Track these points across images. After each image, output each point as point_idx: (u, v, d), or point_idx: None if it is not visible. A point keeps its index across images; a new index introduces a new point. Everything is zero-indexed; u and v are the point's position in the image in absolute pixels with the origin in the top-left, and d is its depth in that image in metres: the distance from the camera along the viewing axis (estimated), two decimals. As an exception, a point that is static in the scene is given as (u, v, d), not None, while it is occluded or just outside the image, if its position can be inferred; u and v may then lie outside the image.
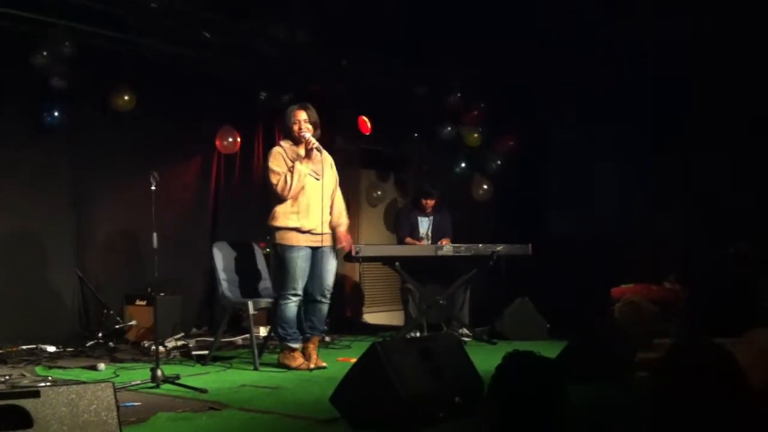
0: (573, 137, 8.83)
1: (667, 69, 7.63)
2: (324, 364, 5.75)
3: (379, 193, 9.20)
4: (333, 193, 5.91)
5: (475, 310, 7.87)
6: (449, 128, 8.69)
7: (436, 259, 7.14)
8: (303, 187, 5.66)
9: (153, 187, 5.10)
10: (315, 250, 5.76)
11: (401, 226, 8.00)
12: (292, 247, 5.67)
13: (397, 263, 7.05)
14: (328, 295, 5.87)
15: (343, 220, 5.93)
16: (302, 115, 5.72)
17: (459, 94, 8.65)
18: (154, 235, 5.10)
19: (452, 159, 8.94)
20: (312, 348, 5.82)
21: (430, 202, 7.89)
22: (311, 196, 5.69)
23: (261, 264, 6.50)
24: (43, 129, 6.70)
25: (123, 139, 7.23)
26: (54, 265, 6.87)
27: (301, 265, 5.68)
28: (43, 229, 6.82)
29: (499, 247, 7.13)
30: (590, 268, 7.91)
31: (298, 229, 5.66)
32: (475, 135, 8.75)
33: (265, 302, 6.11)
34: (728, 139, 7.44)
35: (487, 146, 8.91)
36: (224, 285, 6.07)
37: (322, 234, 5.75)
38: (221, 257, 6.18)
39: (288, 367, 5.70)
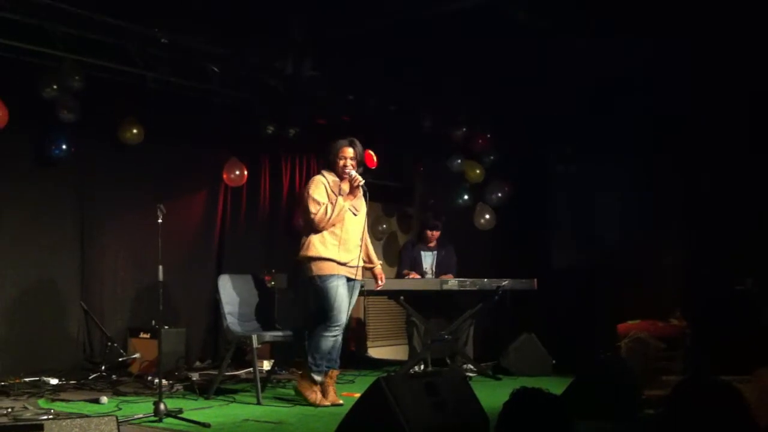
0: (574, 168, 8.84)
1: (666, 97, 7.66)
2: (341, 402, 5.61)
3: (384, 226, 9.21)
4: (364, 229, 5.88)
5: (479, 344, 7.83)
6: (458, 161, 8.70)
7: (440, 294, 7.12)
8: (342, 221, 5.62)
9: (159, 220, 5.11)
10: (348, 281, 5.67)
11: (402, 261, 8.00)
12: (332, 276, 5.55)
13: (401, 297, 7.03)
14: (343, 328, 5.78)
15: (376, 259, 5.99)
16: (349, 153, 5.68)
17: (464, 129, 8.68)
18: (160, 267, 5.09)
19: (456, 190, 8.94)
20: (330, 382, 5.71)
21: (435, 234, 7.88)
22: (349, 230, 5.65)
23: (266, 298, 6.48)
24: (49, 160, 6.74)
25: (129, 171, 7.27)
26: (58, 296, 6.87)
27: (343, 293, 5.56)
28: (48, 261, 6.83)
29: (505, 282, 7.12)
30: (595, 300, 7.88)
31: (335, 260, 5.57)
32: (477, 171, 8.77)
33: (269, 336, 6.09)
34: (730, 168, 7.43)
35: (489, 179, 8.91)
36: (229, 318, 6.05)
37: (356, 267, 5.71)
38: (226, 290, 6.17)
39: (302, 397, 5.61)
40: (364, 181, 5.68)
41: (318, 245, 5.57)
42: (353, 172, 5.66)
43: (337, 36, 6.99)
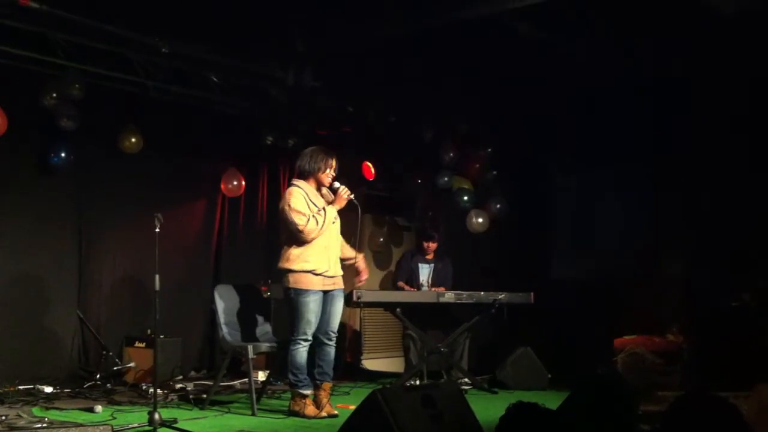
0: (574, 180, 8.86)
1: (666, 108, 7.69)
2: (336, 412, 5.61)
3: (381, 238, 9.20)
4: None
5: (476, 357, 7.82)
6: (446, 178, 8.74)
7: (437, 306, 7.11)
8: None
9: (157, 229, 5.10)
10: (326, 294, 5.68)
11: (400, 271, 8.02)
12: (306, 291, 5.56)
13: (398, 309, 7.02)
14: (333, 338, 5.77)
15: (350, 252, 5.95)
16: (334, 163, 5.71)
17: (457, 148, 8.71)
18: (157, 277, 5.08)
19: (455, 200, 8.95)
20: (324, 395, 5.68)
21: (432, 245, 7.91)
22: (330, 238, 5.67)
23: (262, 308, 6.47)
24: (48, 169, 6.74)
25: (128, 180, 7.27)
26: (55, 304, 6.85)
27: (313, 309, 5.58)
28: (45, 269, 6.81)
29: (501, 295, 7.11)
30: (592, 314, 7.87)
31: (312, 272, 5.57)
32: (465, 186, 8.80)
33: (265, 347, 6.07)
34: (730, 179, 7.45)
35: (490, 187, 8.93)
36: (224, 328, 6.03)
37: (334, 276, 5.72)
38: (222, 300, 6.15)
39: (298, 415, 5.57)
40: (353, 195, 5.73)
41: (296, 257, 5.57)
42: (338, 184, 5.70)
43: (337, 46, 7.01)
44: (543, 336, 7.90)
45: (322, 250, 5.60)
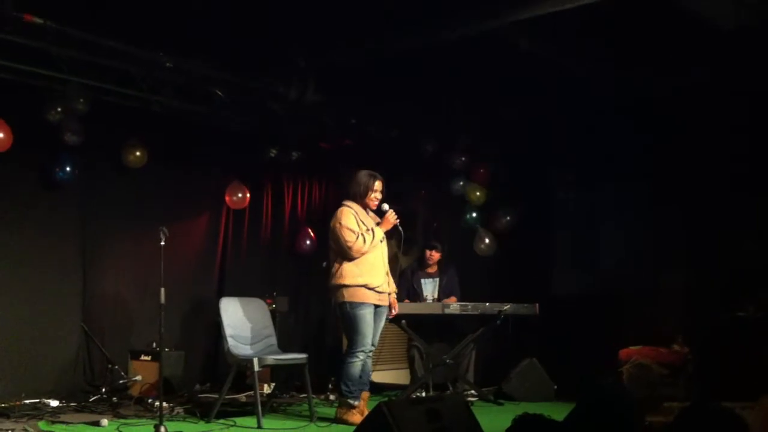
0: (575, 195, 8.87)
1: (665, 122, 7.70)
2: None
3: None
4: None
5: (481, 369, 7.80)
6: (461, 183, 8.74)
7: (442, 318, 7.11)
8: (374, 247, 5.92)
9: (162, 243, 5.11)
10: (376, 308, 5.93)
11: (400, 290, 7.98)
12: (362, 304, 5.83)
13: (403, 321, 7.02)
14: (372, 351, 6.04)
15: (393, 286, 6.22)
16: (380, 186, 6.05)
17: (463, 157, 8.71)
18: (162, 290, 5.10)
19: (460, 214, 8.95)
20: (364, 403, 5.94)
21: (435, 255, 7.82)
22: (376, 257, 5.95)
23: (267, 320, 6.48)
24: (53, 183, 6.76)
25: (132, 194, 7.28)
26: (60, 318, 6.85)
27: (369, 321, 5.86)
28: (49, 283, 6.81)
29: (506, 307, 7.10)
30: (597, 326, 7.85)
31: (366, 286, 5.84)
32: (478, 193, 8.79)
33: (270, 359, 6.08)
34: (729, 191, 7.44)
35: (494, 203, 8.92)
36: (230, 341, 6.05)
37: (383, 293, 5.99)
38: (227, 313, 6.16)
39: (346, 423, 5.73)
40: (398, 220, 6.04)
41: (349, 273, 5.83)
42: (386, 207, 6.04)
43: (339, 61, 7.04)
44: (549, 347, 7.88)
45: (371, 267, 5.88)
